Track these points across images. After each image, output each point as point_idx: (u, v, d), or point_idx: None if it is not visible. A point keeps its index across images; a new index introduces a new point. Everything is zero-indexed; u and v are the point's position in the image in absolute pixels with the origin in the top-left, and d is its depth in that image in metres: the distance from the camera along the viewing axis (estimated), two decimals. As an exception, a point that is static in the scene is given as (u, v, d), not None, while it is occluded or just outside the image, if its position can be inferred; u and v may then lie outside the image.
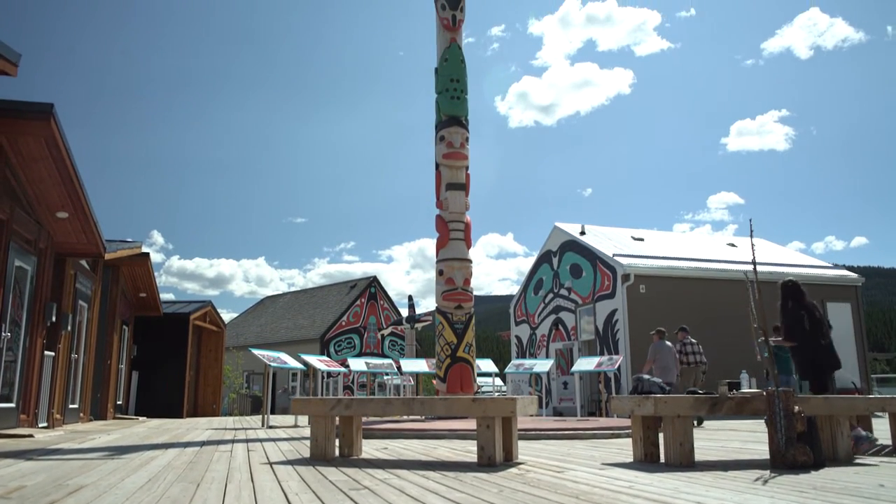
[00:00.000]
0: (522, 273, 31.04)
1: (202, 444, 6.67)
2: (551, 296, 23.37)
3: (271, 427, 11.18)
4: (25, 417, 9.16)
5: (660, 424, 4.76)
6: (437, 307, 10.45)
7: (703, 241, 26.19)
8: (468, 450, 5.66)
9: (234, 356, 31.01)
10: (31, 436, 7.72)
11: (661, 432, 4.71)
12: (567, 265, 22.54)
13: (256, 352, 13.53)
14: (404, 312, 26.31)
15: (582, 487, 3.34)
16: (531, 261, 25.80)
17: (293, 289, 64.47)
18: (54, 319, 10.14)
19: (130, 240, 14.90)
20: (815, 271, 22.41)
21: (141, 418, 16.36)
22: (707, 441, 7.14)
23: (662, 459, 4.66)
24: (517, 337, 25.82)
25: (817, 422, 4.79)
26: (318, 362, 15.25)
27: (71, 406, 11.99)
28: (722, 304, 18.16)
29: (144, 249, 15.39)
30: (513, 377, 20.67)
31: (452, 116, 10.66)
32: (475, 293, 10.71)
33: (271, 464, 4.63)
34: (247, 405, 28.62)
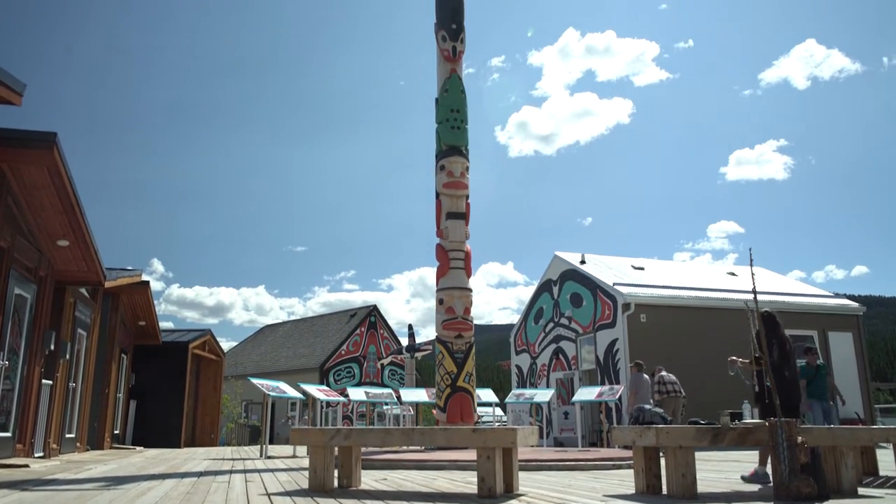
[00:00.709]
0: (523, 302, 30.98)
1: (200, 475, 6.60)
2: (552, 325, 23.30)
3: (270, 457, 11.08)
4: (21, 447, 9.07)
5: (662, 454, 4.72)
6: (437, 336, 10.40)
7: (704, 270, 26.18)
8: (468, 481, 5.60)
9: (233, 385, 30.81)
10: (27, 466, 7.64)
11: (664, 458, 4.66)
12: (567, 294, 22.50)
13: (255, 381, 13.46)
14: (404, 342, 26.18)
15: (583, 520, 3.29)
16: (531, 290, 25.76)
17: (293, 317, 64.26)
18: (53, 348, 10.10)
19: (130, 268, 14.90)
20: (816, 300, 22.36)
21: (138, 448, 16.21)
22: (710, 472, 7.07)
23: (665, 491, 4.61)
24: (517, 366, 25.67)
25: (821, 453, 4.75)
26: (317, 392, 15.15)
27: (67, 435, 11.88)
28: (723, 333, 18.09)
29: (144, 278, 15.39)
30: (513, 407, 20.53)
31: (453, 146, 10.72)
32: (475, 322, 10.68)
33: (269, 495, 4.58)
34: (245, 435, 28.37)
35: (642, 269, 23.50)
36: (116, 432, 16.86)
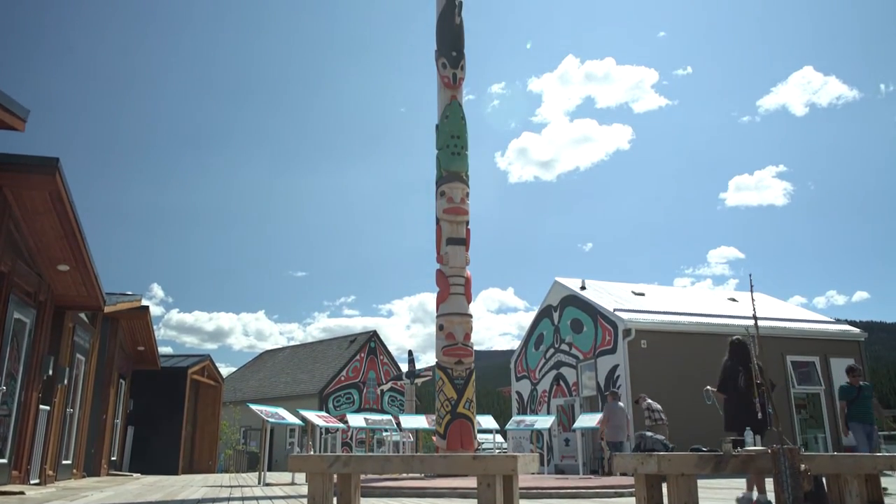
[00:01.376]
0: (523, 328, 30.91)
1: (198, 503, 6.54)
2: (552, 351, 23.20)
3: (268, 484, 10.97)
4: (17, 474, 8.99)
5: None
6: (438, 362, 10.36)
7: (704, 296, 26.14)
8: (468, 509, 5.54)
9: (232, 411, 30.62)
10: (23, 493, 7.56)
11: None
12: (568, 320, 22.44)
13: (254, 407, 13.39)
14: (404, 367, 26.09)
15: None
16: (532, 315, 25.71)
17: (293, 343, 64.08)
18: (51, 373, 10.05)
19: (130, 293, 14.87)
20: (818, 326, 22.29)
21: (135, 475, 16.05)
22: (712, 501, 7.00)
23: (667, 519, 4.55)
24: (518, 393, 25.52)
25: (824, 480, 4.70)
26: (317, 418, 15.07)
27: (64, 462, 11.77)
28: (723, 359, 18.00)
29: (144, 302, 15.36)
30: (514, 434, 20.37)
31: (453, 172, 10.77)
32: (475, 348, 10.64)
33: (267, 523, 4.52)
34: (243, 462, 28.12)
35: (643, 295, 23.46)
36: (114, 458, 16.72)
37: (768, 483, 5.67)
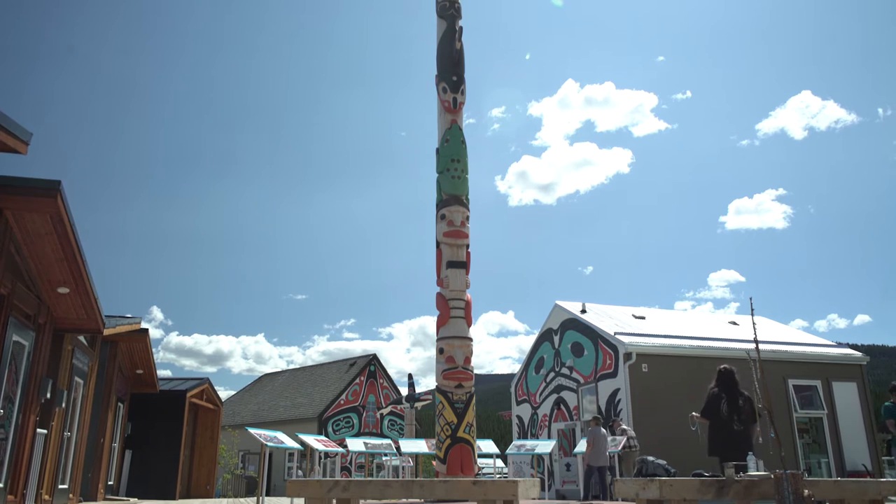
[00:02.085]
0: (523, 351, 30.82)
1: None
2: (553, 374, 23.11)
3: (266, 510, 10.85)
4: (13, 498, 8.91)
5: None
6: (437, 386, 10.30)
7: (705, 320, 26.08)
8: (468, 535, 5.47)
9: (230, 435, 30.41)
10: (18, 518, 7.49)
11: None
12: (568, 343, 22.37)
13: (253, 431, 13.29)
14: (404, 391, 25.97)
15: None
16: (532, 339, 25.64)
17: (292, 366, 63.80)
18: (49, 396, 10.00)
19: (130, 315, 14.85)
20: (819, 350, 22.21)
21: (132, 499, 15.90)
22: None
23: (669, 546, 4.50)
24: (518, 417, 25.37)
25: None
26: (316, 442, 14.96)
27: (60, 486, 11.67)
28: (726, 384, 17.91)
29: (143, 325, 15.33)
30: (514, 458, 20.19)
31: (453, 195, 10.79)
32: (476, 372, 10.59)
33: (265, 549, 4.47)
34: (241, 486, 27.86)
35: (643, 319, 23.42)
36: (111, 483, 16.57)
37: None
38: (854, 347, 24.07)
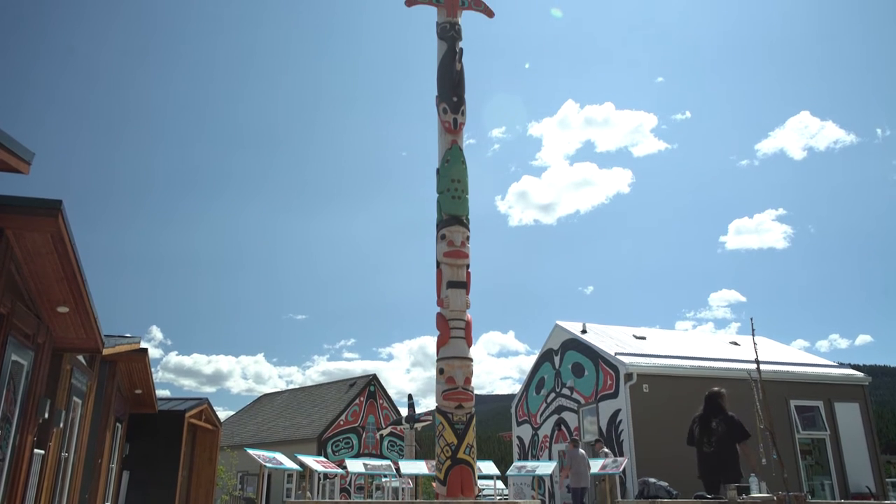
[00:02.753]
0: (524, 371, 30.72)
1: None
2: (553, 395, 23.00)
3: (264, 532, 10.76)
4: (9, 520, 8.83)
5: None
6: (437, 407, 10.26)
7: (706, 340, 26.02)
8: (468, 558, 5.42)
9: (229, 456, 30.20)
10: (14, 540, 7.42)
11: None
12: (569, 364, 22.30)
13: (252, 451, 13.23)
14: (404, 412, 25.84)
15: None
16: (532, 359, 25.56)
17: (291, 386, 63.56)
18: (47, 416, 9.95)
19: (129, 335, 14.80)
20: (821, 370, 22.13)
21: (129, 522, 15.75)
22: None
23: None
24: (519, 437, 25.22)
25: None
26: (315, 463, 14.86)
27: (57, 508, 11.58)
28: (726, 403, 17.83)
29: (143, 345, 15.27)
30: (515, 480, 20.06)
31: (453, 215, 10.82)
32: (476, 392, 10.55)
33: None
34: (239, 508, 27.62)
35: (644, 339, 23.36)
36: (107, 504, 16.44)
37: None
38: (856, 368, 24.00)
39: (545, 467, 17.20)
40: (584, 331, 22.77)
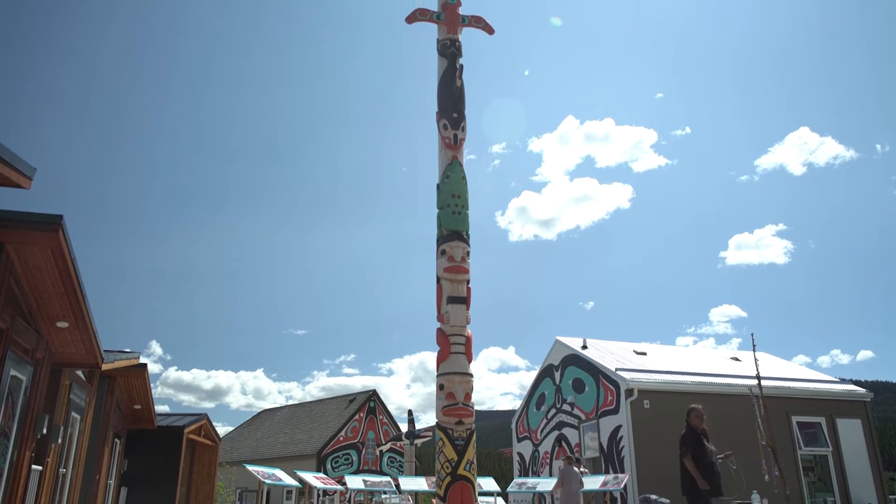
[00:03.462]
0: (524, 387, 30.61)
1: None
2: (554, 411, 22.91)
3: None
4: (6, 537, 8.77)
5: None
6: (438, 422, 10.21)
7: (707, 355, 25.96)
8: (468, 576, 5.37)
9: (228, 472, 30.03)
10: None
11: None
12: (569, 380, 22.23)
13: (251, 468, 13.16)
14: (404, 427, 25.72)
15: None
16: (533, 375, 25.49)
17: (291, 402, 63.33)
18: (45, 431, 9.90)
19: (128, 350, 14.77)
20: (822, 386, 22.06)
21: (126, 539, 15.63)
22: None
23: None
24: (519, 454, 25.09)
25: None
26: (315, 479, 14.77)
27: (54, 525, 11.49)
28: (727, 420, 17.75)
29: (142, 360, 15.23)
30: (515, 497, 19.92)
31: (454, 231, 10.83)
32: (476, 408, 10.50)
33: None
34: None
35: (645, 355, 23.30)
36: (105, 521, 16.32)
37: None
38: (857, 384, 23.91)
39: (546, 484, 17.10)
40: (585, 346, 22.71)
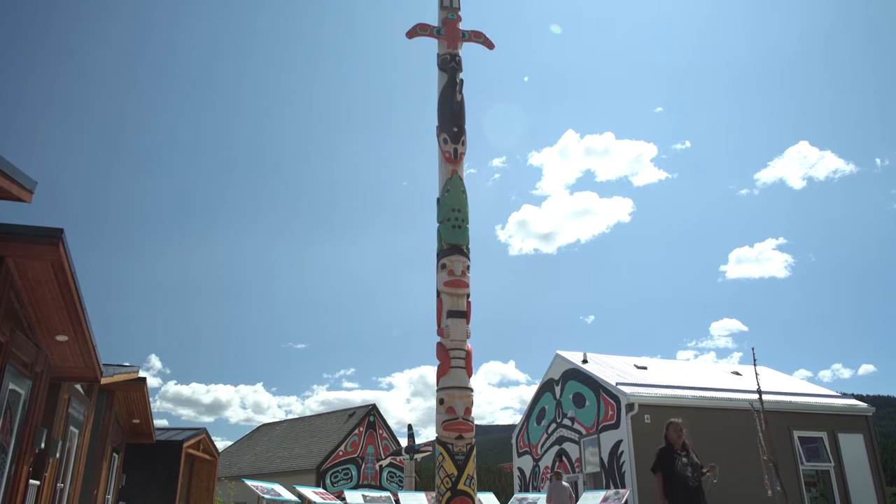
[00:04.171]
0: (525, 401, 30.50)
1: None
2: (554, 426, 22.82)
3: (261, 565, 10.60)
4: (3, 552, 8.71)
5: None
6: (438, 437, 10.17)
7: (708, 370, 25.89)
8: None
9: (226, 487, 29.86)
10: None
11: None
12: (570, 394, 22.16)
13: (250, 483, 13.10)
14: (403, 442, 25.59)
15: None
16: (533, 389, 25.41)
17: (290, 416, 63.10)
18: (43, 446, 9.87)
19: (128, 364, 14.74)
20: (824, 400, 21.98)
21: (124, 554, 15.52)
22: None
23: None
24: (520, 469, 24.97)
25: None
26: (314, 495, 14.69)
27: (52, 540, 11.42)
28: (728, 435, 17.68)
29: (141, 374, 15.20)
30: (516, 512, 19.75)
31: (454, 245, 10.83)
32: (477, 423, 10.46)
33: None
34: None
35: (645, 369, 23.24)
36: (103, 537, 16.21)
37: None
38: (859, 398, 23.84)
39: (546, 499, 16.98)
40: (585, 360, 22.66)
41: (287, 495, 13.74)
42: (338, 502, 15.84)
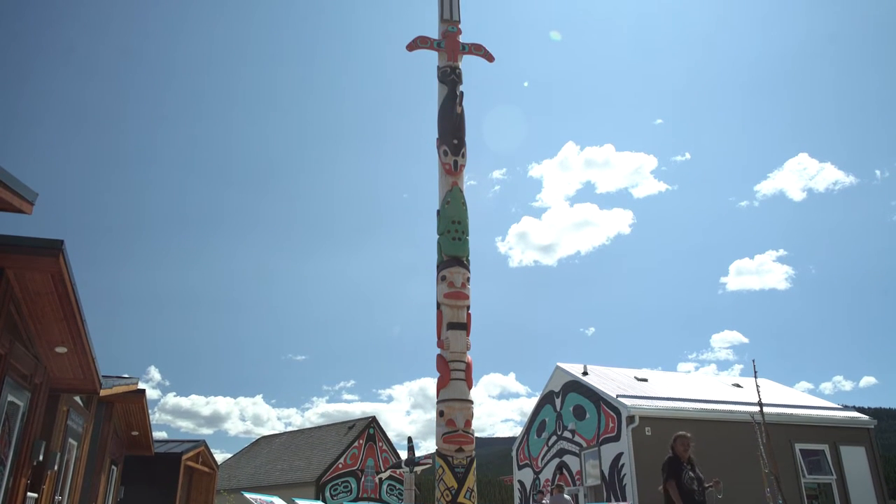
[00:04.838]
0: (525, 413, 30.41)
1: None
2: (554, 438, 22.73)
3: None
4: (0, 566, 8.65)
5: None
6: (438, 450, 10.12)
7: (708, 382, 25.81)
8: None
9: (225, 500, 29.71)
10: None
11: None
12: (570, 406, 22.09)
13: (248, 495, 13.01)
14: (403, 455, 25.48)
15: None
16: (534, 401, 25.32)
17: (290, 428, 62.92)
18: (41, 458, 9.82)
19: (127, 375, 14.70)
20: (825, 413, 21.90)
21: (122, 568, 15.42)
22: None
23: None
24: (520, 482, 24.84)
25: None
26: (313, 507, 14.59)
27: (49, 553, 11.34)
28: (729, 447, 17.60)
29: (141, 386, 15.15)
30: (516, 525, 19.65)
31: (454, 257, 10.83)
32: (477, 435, 10.42)
33: None
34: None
35: (646, 381, 23.17)
36: (100, 550, 16.11)
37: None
38: (861, 410, 23.75)
39: (547, 512, 16.91)
40: (586, 373, 22.60)
41: (286, 508, 13.66)
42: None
